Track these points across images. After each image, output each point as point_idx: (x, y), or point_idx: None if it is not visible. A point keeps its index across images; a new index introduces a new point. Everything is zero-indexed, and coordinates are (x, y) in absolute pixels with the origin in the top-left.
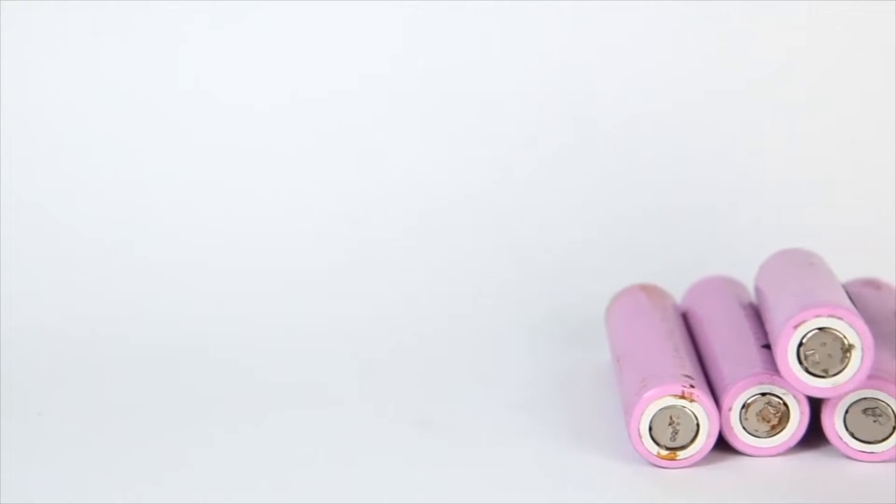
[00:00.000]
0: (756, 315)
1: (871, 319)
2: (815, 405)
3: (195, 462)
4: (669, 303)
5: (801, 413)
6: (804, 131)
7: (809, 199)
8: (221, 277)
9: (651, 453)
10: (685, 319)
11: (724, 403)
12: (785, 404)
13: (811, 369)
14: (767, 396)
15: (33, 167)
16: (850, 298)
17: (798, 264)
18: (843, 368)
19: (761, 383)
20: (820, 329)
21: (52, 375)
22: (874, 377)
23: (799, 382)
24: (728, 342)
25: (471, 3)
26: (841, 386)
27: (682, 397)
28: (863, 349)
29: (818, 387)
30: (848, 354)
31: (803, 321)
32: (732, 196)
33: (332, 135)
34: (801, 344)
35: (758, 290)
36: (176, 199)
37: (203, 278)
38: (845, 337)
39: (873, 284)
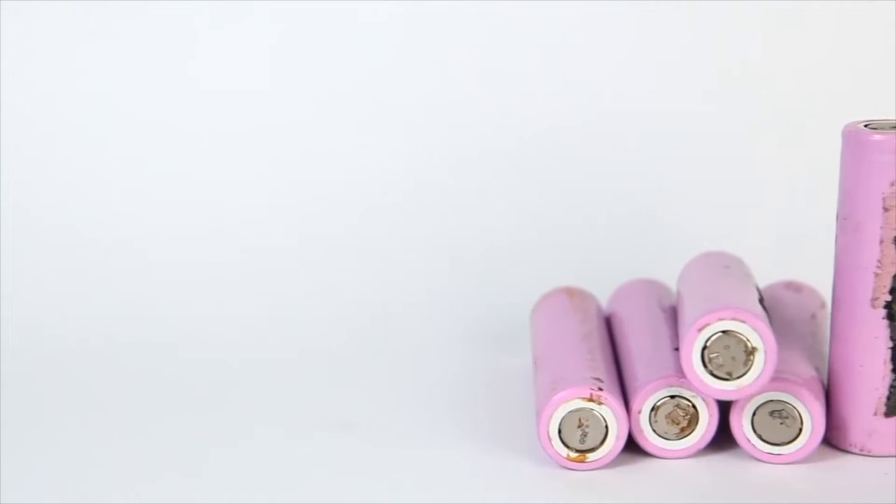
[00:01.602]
0: (675, 318)
1: (788, 322)
2: (725, 408)
3: (194, 462)
4: (593, 305)
5: (710, 415)
6: (741, 134)
7: (744, 201)
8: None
9: (561, 455)
10: (610, 322)
11: (634, 406)
12: (694, 407)
13: (715, 372)
14: (676, 399)
15: (32, 167)
16: (763, 301)
17: (714, 267)
18: (747, 371)
19: (670, 385)
20: (724, 332)
21: (51, 375)
22: (781, 379)
23: (703, 385)
24: (644, 344)
25: (436, 4)
26: (744, 389)
27: (591, 400)
28: (765, 352)
29: (722, 389)
30: (751, 357)
31: (707, 324)
32: (670, 199)
33: (237, 136)
34: (705, 347)
35: (677, 293)
36: (167, 198)
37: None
38: (748, 340)
39: (794, 287)
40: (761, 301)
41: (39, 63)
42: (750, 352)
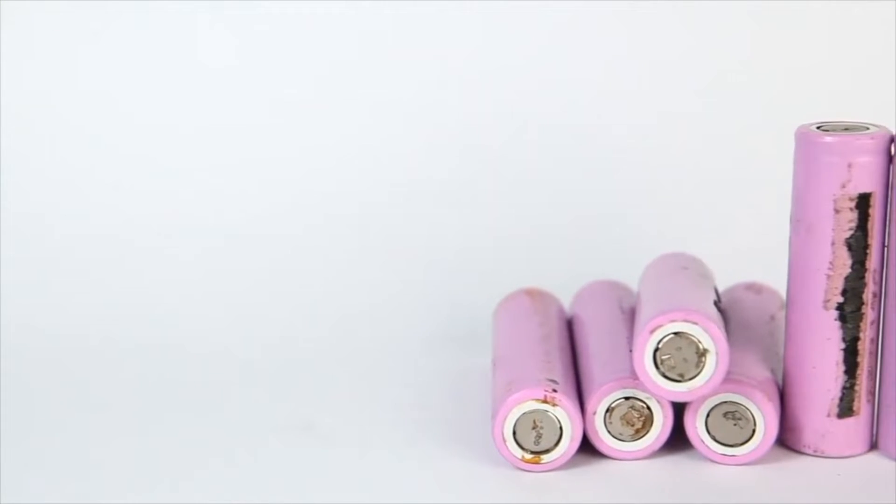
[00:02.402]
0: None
1: (746, 323)
2: (680, 409)
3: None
4: (554, 307)
5: (665, 417)
6: (708, 135)
7: (711, 202)
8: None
9: (515, 457)
10: (572, 323)
11: (589, 407)
12: (648, 408)
13: (667, 374)
14: (631, 400)
15: (32, 167)
16: (718, 303)
17: (672, 269)
18: (699, 373)
19: (624, 387)
20: (675, 334)
21: (51, 377)
22: (735, 381)
23: (655, 386)
24: (602, 346)
25: (411, 5)
26: (696, 390)
27: (545, 401)
28: (717, 354)
29: (674, 391)
30: (703, 359)
31: (659, 326)
32: (637, 201)
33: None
34: (657, 348)
35: (637, 295)
36: (159, 199)
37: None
38: (700, 341)
39: (754, 288)
40: (717, 302)
41: (39, 63)
42: (702, 353)
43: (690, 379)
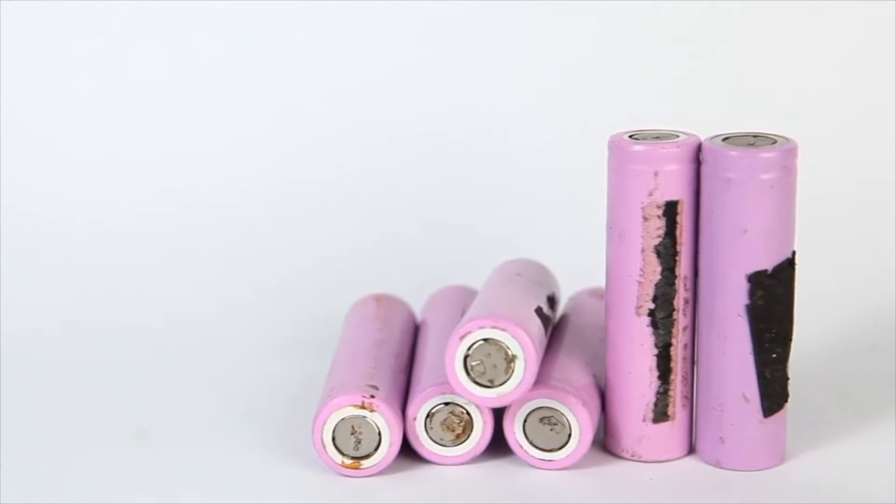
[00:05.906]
0: None
1: (580, 329)
2: (500, 414)
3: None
4: (400, 312)
5: (485, 422)
6: (573, 136)
7: (572, 209)
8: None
9: (335, 462)
10: (419, 329)
11: (410, 412)
12: (468, 413)
13: (478, 379)
14: (451, 406)
15: (28, 165)
16: (543, 310)
17: (505, 275)
18: (508, 379)
19: (443, 393)
20: (485, 340)
21: (49, 379)
22: (550, 387)
23: (466, 392)
24: (432, 352)
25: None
26: (505, 396)
27: (363, 407)
28: (525, 360)
29: (484, 397)
30: (512, 365)
31: (468, 332)
32: (506, 206)
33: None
34: (467, 355)
35: None
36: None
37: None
38: (508, 348)
39: (598, 294)
40: (540, 309)
41: (38, 62)
42: (510, 359)
43: (500, 385)
